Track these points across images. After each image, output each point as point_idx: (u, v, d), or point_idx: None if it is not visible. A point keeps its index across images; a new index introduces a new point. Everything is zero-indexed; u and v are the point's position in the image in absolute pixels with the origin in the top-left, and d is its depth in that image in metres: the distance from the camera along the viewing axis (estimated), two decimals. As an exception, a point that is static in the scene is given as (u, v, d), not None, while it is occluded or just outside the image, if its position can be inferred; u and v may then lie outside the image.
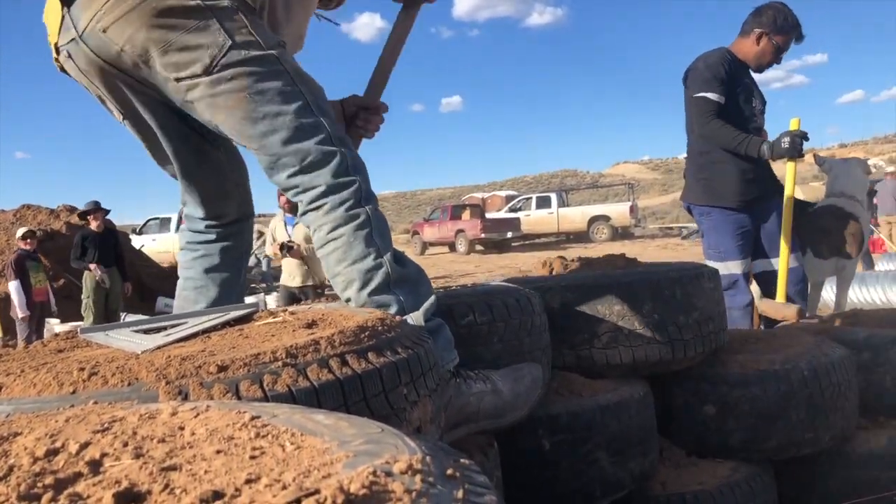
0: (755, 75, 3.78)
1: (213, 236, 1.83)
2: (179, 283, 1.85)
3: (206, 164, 1.76)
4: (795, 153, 3.38)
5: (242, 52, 1.42)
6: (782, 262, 3.50)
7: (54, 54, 1.59)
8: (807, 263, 3.90)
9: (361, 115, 1.93)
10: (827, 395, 2.06)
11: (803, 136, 3.37)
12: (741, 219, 3.61)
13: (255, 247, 15.32)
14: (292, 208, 5.63)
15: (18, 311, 8.15)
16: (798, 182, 3.70)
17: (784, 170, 3.53)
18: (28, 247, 8.43)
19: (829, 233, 3.95)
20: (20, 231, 8.76)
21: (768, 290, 3.64)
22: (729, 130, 3.47)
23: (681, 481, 1.96)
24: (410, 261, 1.57)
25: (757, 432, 2.03)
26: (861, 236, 4.07)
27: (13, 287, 8.12)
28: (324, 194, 1.46)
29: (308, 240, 6.17)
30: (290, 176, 1.48)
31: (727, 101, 3.52)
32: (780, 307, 3.39)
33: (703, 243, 3.79)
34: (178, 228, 14.78)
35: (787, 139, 3.35)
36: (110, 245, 8.78)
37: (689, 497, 1.88)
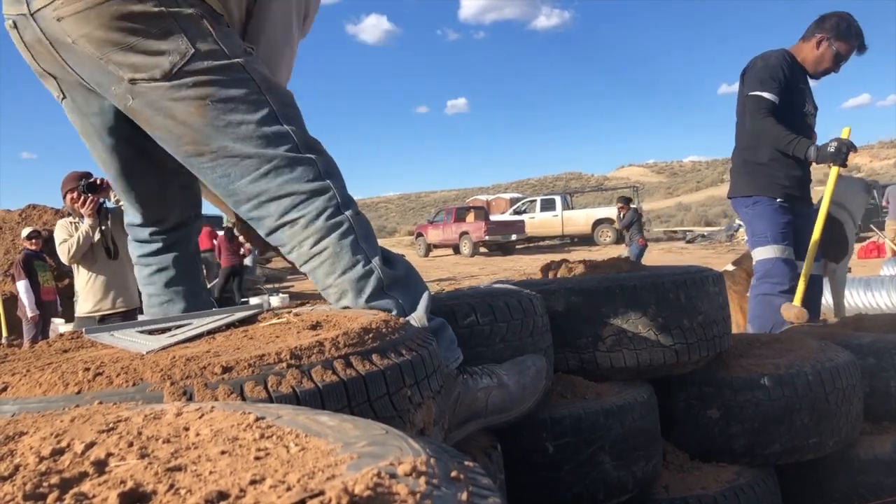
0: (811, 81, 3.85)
1: (159, 245, 1.76)
2: (144, 299, 1.80)
3: (149, 164, 1.67)
4: (839, 160, 3.45)
5: (206, 61, 1.36)
6: (807, 264, 3.54)
7: None
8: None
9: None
10: (831, 399, 2.06)
11: (850, 146, 3.42)
12: (784, 211, 3.67)
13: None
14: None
15: (28, 310, 8.17)
16: None
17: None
18: (34, 247, 8.44)
19: (832, 240, 3.97)
20: (25, 231, 8.76)
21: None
22: (780, 129, 3.52)
23: (684, 485, 1.96)
24: (399, 259, 1.53)
25: (761, 437, 2.03)
26: (845, 241, 4.15)
27: (22, 287, 8.13)
28: (295, 205, 1.39)
29: None
30: (253, 181, 1.39)
31: (781, 102, 3.58)
32: (787, 308, 3.39)
33: (748, 233, 3.84)
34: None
35: (834, 144, 3.43)
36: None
37: (693, 501, 1.88)
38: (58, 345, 1.31)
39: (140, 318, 1.72)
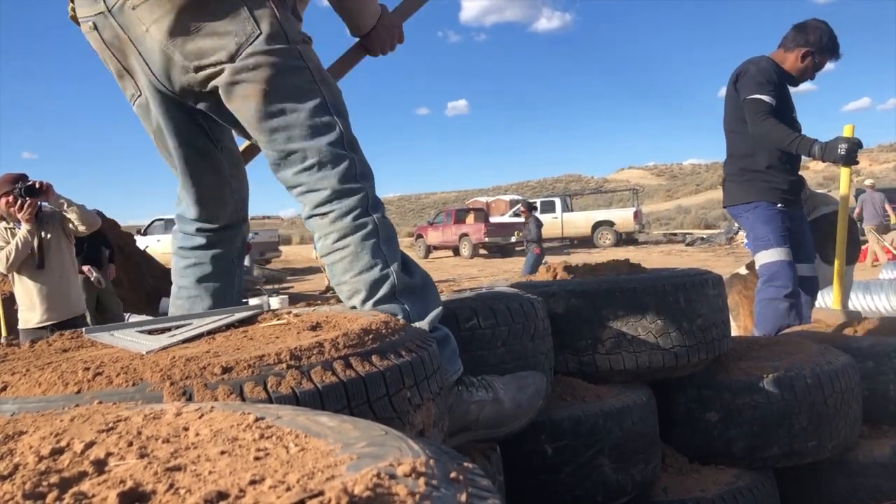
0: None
1: (203, 241, 1.79)
2: (173, 290, 1.83)
3: (208, 167, 1.74)
4: (850, 160, 3.47)
5: (269, 43, 1.41)
6: (838, 268, 3.56)
7: (71, 4, 1.56)
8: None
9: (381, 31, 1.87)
10: (830, 403, 2.06)
11: (858, 144, 3.44)
12: (784, 216, 3.69)
13: None
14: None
15: None
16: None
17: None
18: None
19: (828, 239, 3.99)
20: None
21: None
22: (782, 129, 3.55)
23: (683, 488, 1.96)
24: (419, 269, 1.55)
25: (759, 440, 2.03)
26: (858, 241, 4.17)
27: None
28: (329, 200, 1.45)
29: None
30: (296, 173, 1.46)
31: (776, 105, 3.61)
32: (833, 314, 3.40)
33: (749, 238, 3.87)
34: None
35: (843, 145, 3.43)
36: (99, 245, 8.77)
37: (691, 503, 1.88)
38: (57, 344, 1.31)
39: (164, 307, 1.72)
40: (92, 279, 8.34)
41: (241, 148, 1.91)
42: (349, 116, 1.53)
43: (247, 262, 15.60)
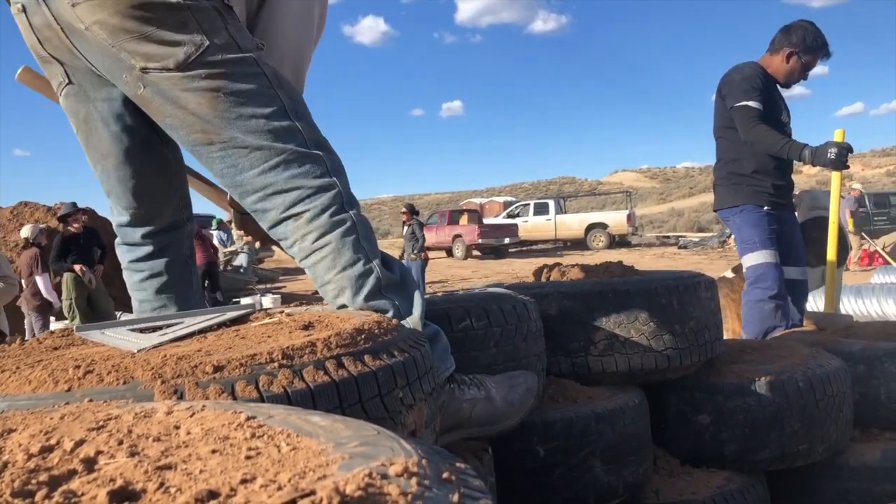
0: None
1: (150, 248, 1.73)
2: (134, 305, 1.77)
3: (150, 159, 1.66)
4: (841, 164, 3.51)
5: (220, 54, 1.37)
6: (829, 272, 3.58)
7: None
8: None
9: None
10: (822, 406, 2.06)
11: (849, 149, 3.47)
12: (771, 218, 3.71)
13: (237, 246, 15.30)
14: None
15: (54, 300, 8.33)
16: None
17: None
18: (46, 242, 8.54)
19: (818, 242, 4.02)
20: (32, 229, 8.78)
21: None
22: (773, 134, 3.57)
23: (674, 490, 1.96)
24: (397, 263, 1.53)
25: (751, 442, 2.04)
26: (846, 245, 4.21)
27: (43, 281, 8.26)
28: (301, 199, 1.40)
29: None
30: (260, 173, 1.39)
31: (763, 111, 3.62)
32: (824, 317, 3.42)
33: (736, 240, 3.89)
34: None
35: (833, 150, 3.46)
36: (91, 245, 8.77)
37: (683, 506, 1.88)
38: (48, 342, 1.30)
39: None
40: (84, 279, 8.33)
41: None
42: (312, 119, 1.49)
43: (244, 261, 15.60)
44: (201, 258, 11.79)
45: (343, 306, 1.44)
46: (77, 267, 8.31)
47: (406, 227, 13.60)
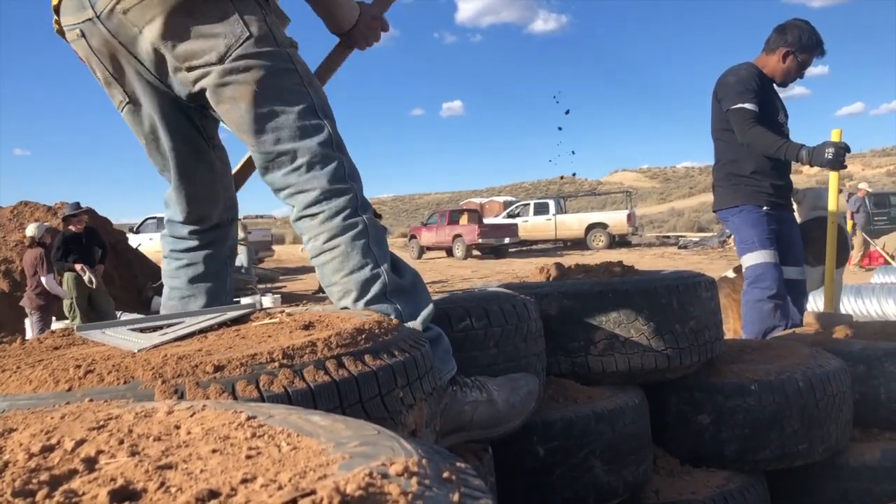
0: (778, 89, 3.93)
1: (195, 243, 1.79)
2: (165, 291, 1.82)
3: (202, 165, 1.73)
4: (838, 164, 3.51)
5: (258, 46, 1.43)
6: (829, 272, 3.58)
7: (56, 18, 1.56)
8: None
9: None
10: (822, 406, 2.06)
11: (846, 149, 3.47)
12: (770, 218, 3.71)
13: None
14: None
15: (62, 293, 8.36)
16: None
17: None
18: (51, 241, 8.56)
19: (817, 242, 4.02)
20: (34, 227, 8.78)
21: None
22: (769, 135, 3.58)
23: (674, 490, 1.96)
24: (408, 268, 1.56)
25: (751, 442, 2.03)
26: (847, 245, 4.21)
27: (48, 281, 8.30)
28: (319, 200, 1.45)
29: None
30: (285, 174, 1.46)
31: (759, 113, 3.63)
32: (824, 317, 3.42)
33: (735, 240, 3.88)
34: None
35: (831, 150, 3.46)
36: (92, 244, 8.79)
37: (683, 506, 1.88)
38: (49, 342, 1.30)
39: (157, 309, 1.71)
40: (84, 278, 8.33)
41: (234, 169, 1.91)
42: (335, 119, 1.54)
43: (244, 261, 15.65)
44: None
45: (345, 308, 1.47)
46: (78, 266, 8.32)
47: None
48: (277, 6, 1.62)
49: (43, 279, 8.33)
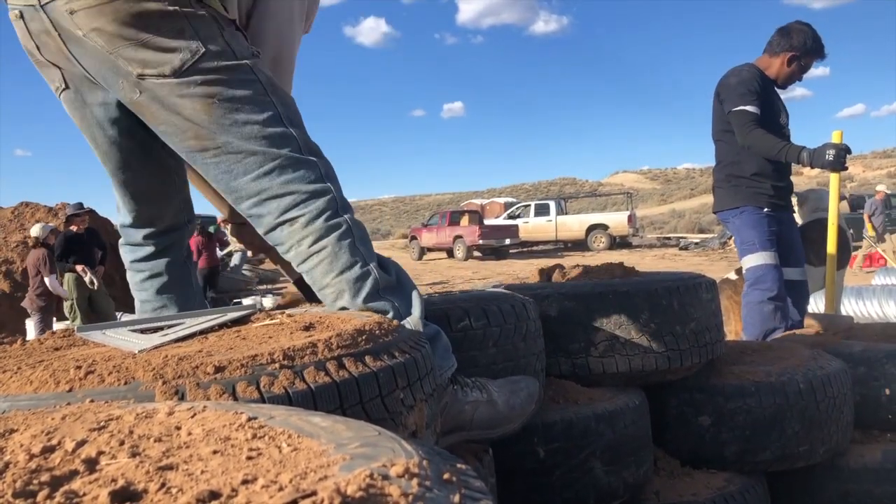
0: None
1: (151, 248, 1.75)
2: (137, 305, 1.79)
3: (149, 161, 1.67)
4: (839, 166, 3.52)
5: (215, 61, 1.39)
6: (829, 274, 3.58)
7: None
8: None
9: None
10: (822, 407, 2.06)
11: (847, 150, 3.47)
12: (770, 220, 3.72)
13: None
14: None
15: (64, 294, 8.36)
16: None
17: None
18: (51, 241, 8.56)
19: (819, 243, 4.03)
20: (39, 227, 8.79)
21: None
22: (770, 138, 3.58)
23: (675, 491, 1.96)
24: (392, 264, 1.54)
25: (752, 444, 2.03)
26: (849, 246, 4.22)
27: (51, 281, 8.31)
28: (297, 203, 1.41)
29: None
30: (255, 178, 1.41)
31: (761, 114, 3.63)
32: (825, 319, 3.42)
33: (736, 242, 3.89)
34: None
35: (831, 151, 3.47)
36: (93, 245, 8.79)
37: (683, 507, 1.88)
38: (49, 342, 1.30)
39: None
40: (85, 279, 8.34)
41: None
42: (304, 127, 1.50)
43: (237, 260, 15.59)
44: (206, 261, 11.71)
45: (343, 308, 1.45)
46: (79, 267, 8.32)
47: None
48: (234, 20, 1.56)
49: (46, 280, 8.34)
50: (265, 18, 1.65)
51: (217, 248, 12.26)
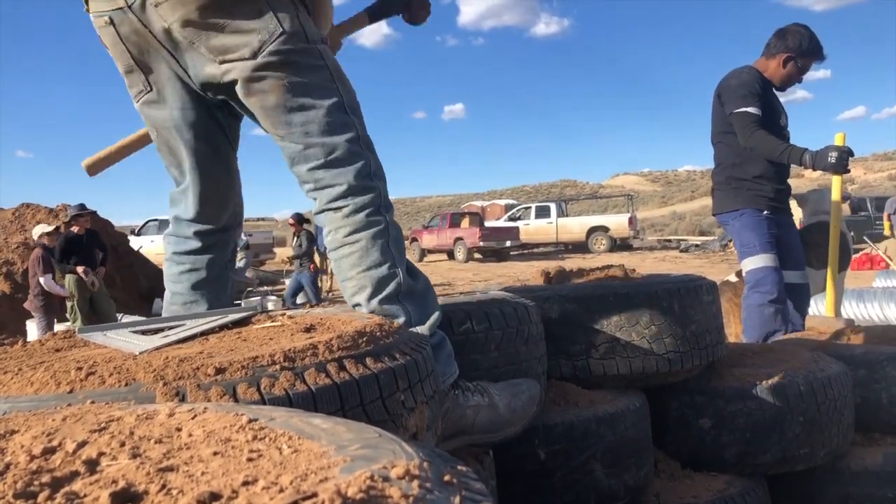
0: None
1: (198, 244, 1.77)
2: (167, 296, 1.80)
3: (220, 165, 1.73)
4: (841, 168, 3.50)
5: (290, 42, 1.44)
6: (830, 276, 3.58)
7: (86, 2, 1.56)
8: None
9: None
10: (823, 410, 2.06)
11: (849, 152, 3.47)
12: (770, 222, 3.72)
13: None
14: None
15: (63, 292, 8.33)
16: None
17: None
18: (51, 244, 8.53)
19: (821, 246, 4.02)
20: (40, 228, 8.79)
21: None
22: (772, 140, 3.58)
23: (675, 494, 1.96)
24: (421, 274, 1.57)
25: (752, 446, 2.03)
26: (849, 249, 4.22)
27: (46, 280, 8.29)
28: (344, 195, 1.47)
29: None
30: (311, 169, 1.48)
31: (761, 116, 3.64)
32: (826, 321, 3.42)
33: (736, 244, 3.89)
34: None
35: (834, 154, 3.46)
36: (93, 246, 8.79)
37: (684, 510, 1.88)
38: (50, 344, 1.31)
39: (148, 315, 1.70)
40: (87, 281, 8.34)
41: None
42: (363, 116, 1.56)
43: (242, 263, 15.63)
44: None
45: (357, 305, 1.48)
46: (80, 269, 8.32)
47: (295, 239, 12.53)
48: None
49: (41, 279, 8.33)
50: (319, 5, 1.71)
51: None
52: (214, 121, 1.67)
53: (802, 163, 3.54)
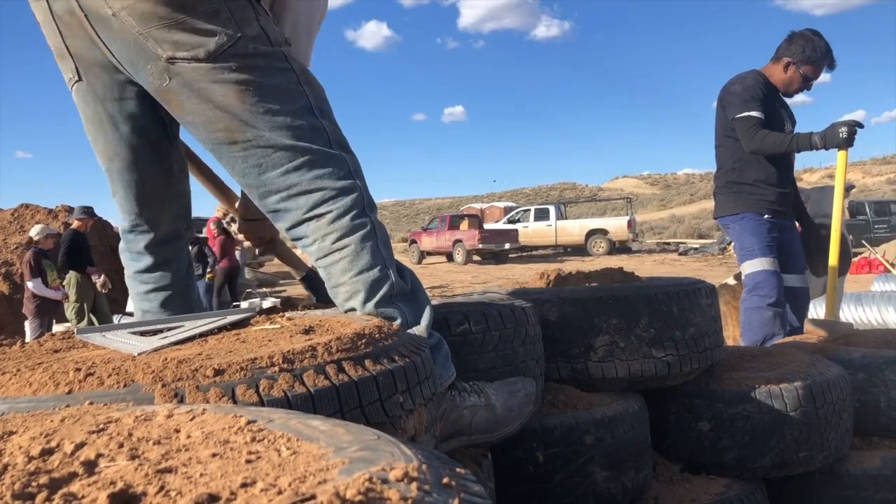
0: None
1: (152, 261, 1.72)
2: (137, 314, 1.77)
3: (157, 162, 1.64)
4: (848, 142, 3.47)
5: (250, 46, 1.36)
6: (831, 279, 3.58)
7: None
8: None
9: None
10: (822, 414, 2.06)
11: (858, 124, 3.47)
12: (771, 226, 3.71)
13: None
14: None
15: (54, 296, 8.27)
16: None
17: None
18: (47, 246, 8.47)
19: (822, 251, 4.02)
20: (38, 229, 8.76)
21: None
22: (775, 135, 3.58)
23: (674, 497, 1.96)
24: (408, 271, 1.53)
25: (751, 450, 2.03)
26: (849, 253, 4.22)
27: (34, 285, 8.18)
28: (325, 200, 1.39)
29: None
30: (284, 173, 1.38)
31: (765, 119, 3.63)
32: (825, 325, 3.42)
33: (735, 248, 3.88)
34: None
35: (843, 129, 3.45)
36: (89, 246, 8.80)
37: (682, 513, 1.88)
38: (49, 345, 1.30)
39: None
40: (99, 282, 8.32)
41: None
42: (335, 117, 1.48)
43: (238, 255, 15.58)
44: (229, 262, 11.44)
45: (351, 310, 1.44)
46: (92, 271, 8.29)
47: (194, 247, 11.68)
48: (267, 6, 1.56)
49: (28, 283, 8.19)
50: (289, 8, 1.65)
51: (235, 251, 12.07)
52: (154, 113, 1.56)
53: (812, 145, 3.51)
